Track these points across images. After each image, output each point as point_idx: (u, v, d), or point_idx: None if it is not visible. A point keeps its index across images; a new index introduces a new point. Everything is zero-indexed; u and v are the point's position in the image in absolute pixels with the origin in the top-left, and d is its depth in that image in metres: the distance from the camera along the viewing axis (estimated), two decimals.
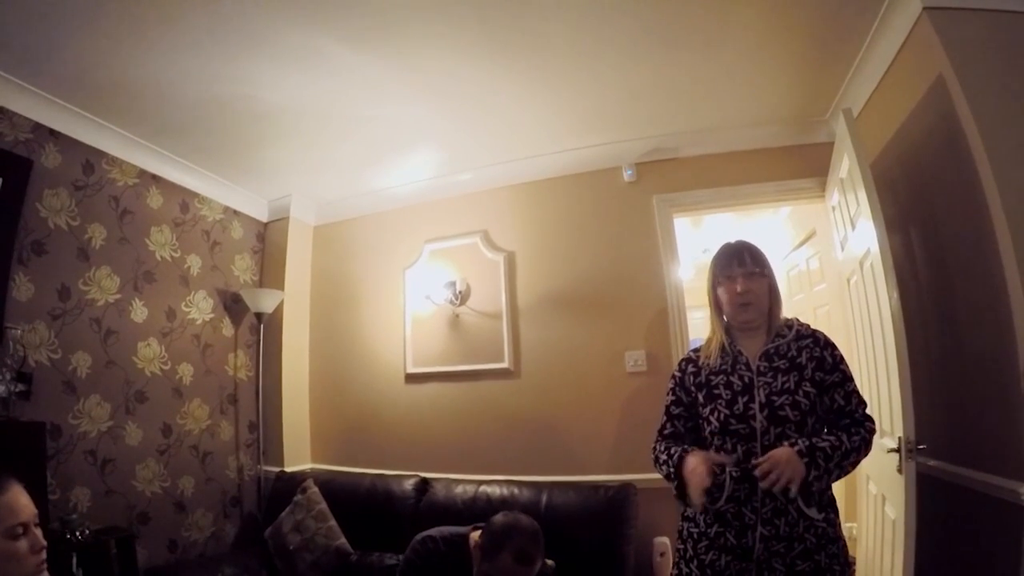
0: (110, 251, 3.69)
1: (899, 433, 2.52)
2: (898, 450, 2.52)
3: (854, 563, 3.71)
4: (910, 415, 2.49)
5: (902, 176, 3.06)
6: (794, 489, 1.79)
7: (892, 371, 2.61)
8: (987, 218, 2.33)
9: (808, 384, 1.99)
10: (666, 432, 2.24)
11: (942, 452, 2.70)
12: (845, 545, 1.97)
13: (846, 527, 4.10)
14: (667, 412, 2.27)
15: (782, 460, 1.81)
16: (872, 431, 1.97)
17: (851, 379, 2.04)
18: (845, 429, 1.93)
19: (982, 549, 2.45)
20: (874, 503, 3.13)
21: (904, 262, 3.01)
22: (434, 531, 2.65)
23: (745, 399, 2.02)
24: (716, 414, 2.06)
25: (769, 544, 1.88)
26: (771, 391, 1.99)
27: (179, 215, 4.26)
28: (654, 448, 2.22)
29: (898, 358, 2.54)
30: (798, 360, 2.04)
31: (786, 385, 1.99)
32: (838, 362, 2.04)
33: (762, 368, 2.05)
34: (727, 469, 1.96)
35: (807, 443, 1.85)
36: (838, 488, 4.32)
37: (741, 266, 2.11)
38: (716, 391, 2.10)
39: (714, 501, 1.96)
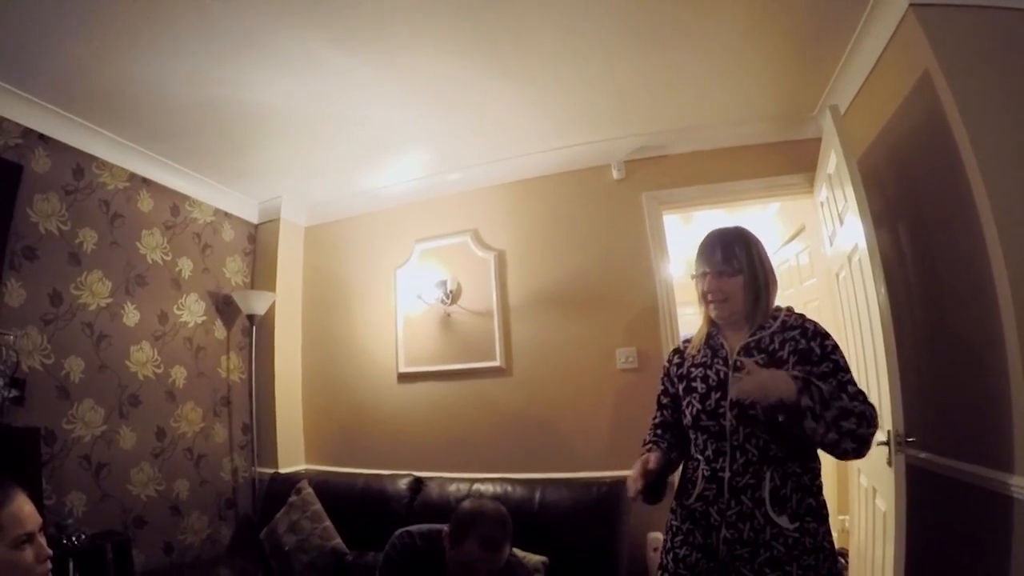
0: (101, 255, 3.69)
1: (888, 426, 2.54)
2: (887, 443, 2.55)
3: (845, 569, 3.74)
4: (899, 408, 2.51)
5: (889, 171, 3.08)
6: (734, 389, 1.73)
7: (880, 365, 2.64)
8: (973, 212, 2.35)
9: None
10: (656, 421, 2.24)
11: (931, 444, 2.72)
12: (831, 557, 1.84)
13: (838, 520, 4.13)
14: (657, 401, 2.27)
15: (765, 374, 1.73)
16: (872, 416, 1.76)
17: (845, 369, 1.87)
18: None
19: (972, 539, 2.47)
20: (865, 496, 3.16)
21: (892, 257, 3.04)
22: (412, 527, 2.65)
23: (718, 395, 1.96)
24: (690, 408, 2.02)
25: (732, 548, 1.82)
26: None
27: (170, 218, 4.25)
28: (644, 439, 2.24)
29: (886, 352, 2.57)
30: (779, 354, 1.92)
31: None
32: (829, 352, 1.89)
33: (739, 363, 1.93)
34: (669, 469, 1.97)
35: (803, 374, 1.75)
36: (830, 481, 4.36)
37: (710, 265, 2.02)
38: (694, 384, 2.05)
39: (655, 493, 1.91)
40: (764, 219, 5.75)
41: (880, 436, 2.63)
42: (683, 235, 5.96)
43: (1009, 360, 2.20)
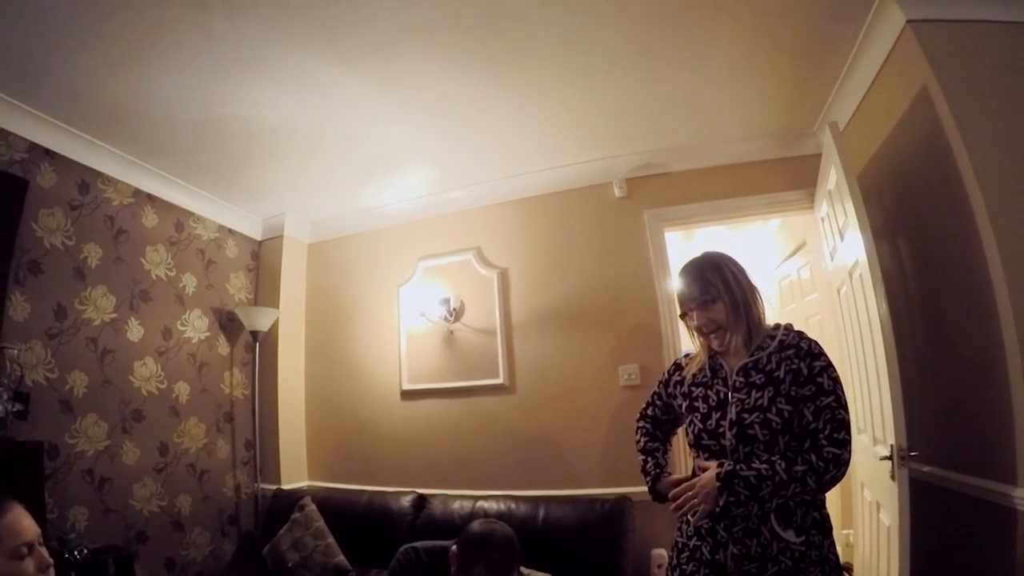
0: (106, 270, 3.71)
1: (891, 441, 2.54)
2: (891, 457, 2.55)
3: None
4: (901, 423, 2.51)
5: (889, 186, 3.10)
6: (695, 518, 1.90)
7: (883, 379, 2.64)
8: (973, 226, 2.36)
9: (783, 400, 1.88)
10: (648, 413, 2.39)
11: (934, 458, 2.72)
12: (836, 569, 1.87)
13: (843, 534, 4.11)
14: (651, 396, 2.40)
15: (699, 487, 1.88)
16: (833, 458, 1.78)
17: (829, 393, 1.85)
18: (790, 456, 1.82)
19: (976, 553, 2.47)
20: (869, 510, 3.15)
21: (892, 271, 3.05)
22: (418, 543, 2.65)
23: (718, 415, 1.99)
24: (692, 427, 2.07)
25: (740, 563, 1.84)
26: (743, 408, 1.93)
27: (174, 234, 4.28)
28: (636, 429, 2.42)
29: (888, 366, 2.57)
30: (776, 374, 1.92)
31: (759, 402, 1.90)
32: (815, 374, 1.88)
33: (738, 383, 1.98)
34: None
35: (730, 467, 1.83)
36: (833, 495, 4.34)
37: (691, 300, 2.07)
38: (696, 403, 2.09)
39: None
40: (765, 235, 5.76)
41: (883, 451, 2.64)
42: (685, 252, 5.98)
43: (1011, 372, 2.20)
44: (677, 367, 2.31)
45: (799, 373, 1.89)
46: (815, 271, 4.60)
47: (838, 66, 3.22)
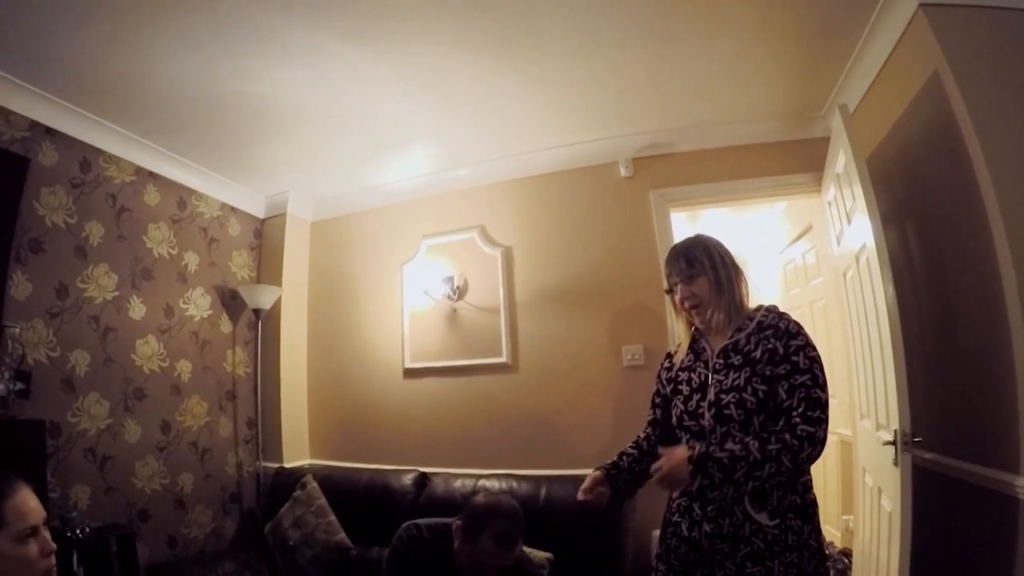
0: (108, 249, 3.69)
1: (895, 426, 2.54)
2: (894, 443, 2.54)
3: (848, 569, 3.73)
4: (905, 408, 2.50)
5: (898, 171, 3.06)
6: (672, 492, 1.99)
7: (888, 365, 2.63)
8: (982, 212, 2.34)
9: (758, 380, 1.91)
10: (648, 418, 2.38)
11: (938, 445, 2.71)
12: (817, 555, 1.87)
13: (843, 519, 4.12)
14: (652, 400, 2.39)
15: (671, 462, 1.86)
16: (808, 436, 1.77)
17: (805, 372, 1.86)
18: (763, 436, 1.81)
19: (977, 540, 2.47)
20: (871, 495, 3.15)
21: (900, 256, 3.02)
22: (420, 520, 2.66)
23: (698, 396, 2.04)
24: (676, 409, 2.12)
25: (713, 542, 1.88)
26: (720, 388, 1.97)
27: (176, 212, 4.26)
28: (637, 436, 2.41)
29: (893, 352, 2.55)
30: (753, 354, 1.96)
31: (736, 382, 1.94)
32: (791, 353, 1.89)
33: (717, 365, 2.04)
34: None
35: (703, 450, 1.83)
36: (834, 480, 4.35)
37: (678, 274, 2.12)
38: (680, 386, 2.15)
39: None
40: (770, 218, 5.74)
41: (886, 436, 2.64)
42: (690, 233, 5.96)
43: (1016, 360, 2.19)
44: (668, 356, 2.37)
45: (775, 352, 1.93)
46: (821, 255, 4.58)
47: (848, 49, 3.18)
